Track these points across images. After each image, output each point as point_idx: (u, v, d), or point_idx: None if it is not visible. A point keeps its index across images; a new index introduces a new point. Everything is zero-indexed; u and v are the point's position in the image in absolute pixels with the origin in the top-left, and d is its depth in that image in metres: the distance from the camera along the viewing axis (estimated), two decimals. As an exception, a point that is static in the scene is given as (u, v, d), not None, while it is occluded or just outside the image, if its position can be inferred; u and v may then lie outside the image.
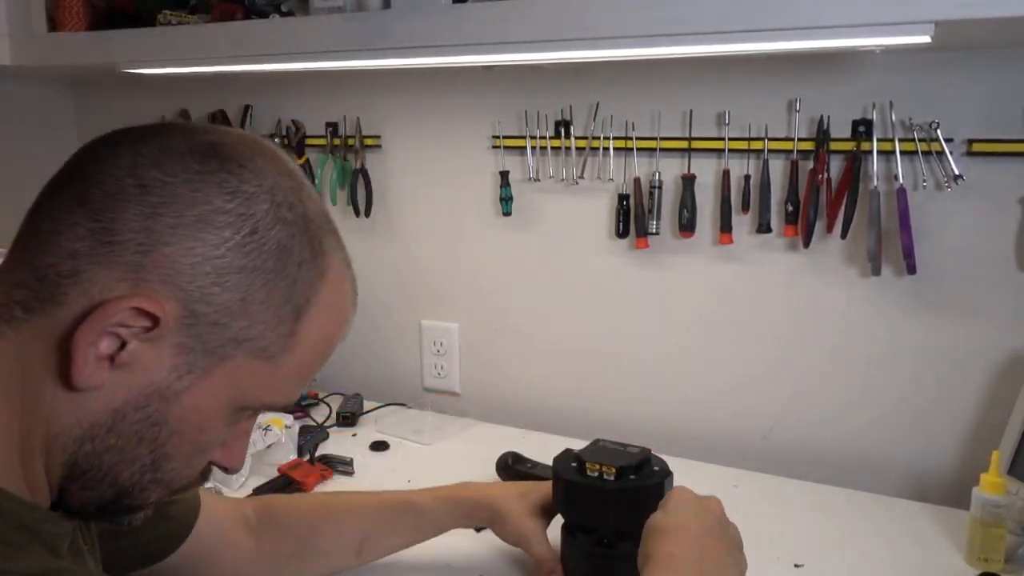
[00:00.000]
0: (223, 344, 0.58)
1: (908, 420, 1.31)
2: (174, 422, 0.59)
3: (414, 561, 1.06)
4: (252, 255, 0.58)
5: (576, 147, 1.46)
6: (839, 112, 1.27)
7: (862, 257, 1.29)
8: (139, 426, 0.58)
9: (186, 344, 0.57)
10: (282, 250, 0.59)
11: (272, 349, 0.61)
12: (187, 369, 0.58)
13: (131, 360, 0.56)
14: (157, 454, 0.60)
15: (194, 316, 0.57)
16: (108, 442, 0.58)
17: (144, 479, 0.61)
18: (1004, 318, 1.23)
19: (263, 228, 0.58)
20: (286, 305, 0.60)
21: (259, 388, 0.62)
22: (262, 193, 0.59)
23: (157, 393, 0.58)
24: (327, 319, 0.64)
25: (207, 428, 0.61)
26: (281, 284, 0.60)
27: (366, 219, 1.67)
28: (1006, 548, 1.04)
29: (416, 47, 1.18)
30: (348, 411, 1.55)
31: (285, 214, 0.60)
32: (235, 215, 0.57)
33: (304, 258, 0.61)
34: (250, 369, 0.60)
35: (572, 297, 1.53)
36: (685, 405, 1.45)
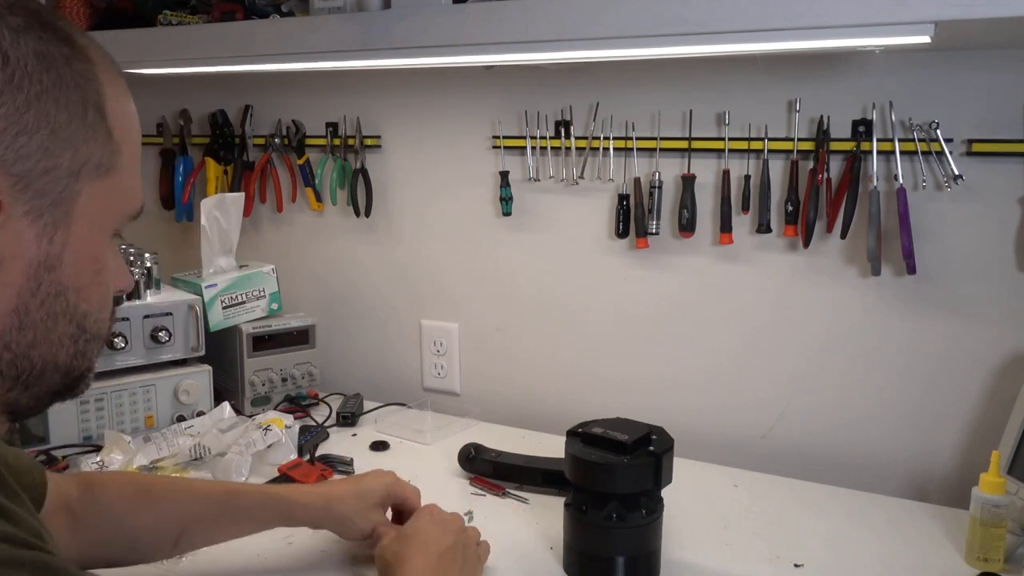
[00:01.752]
0: (65, 185, 0.54)
1: (908, 420, 1.31)
2: (72, 281, 0.56)
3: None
4: (24, 82, 0.52)
5: (576, 147, 1.46)
6: (839, 112, 1.27)
7: (862, 257, 1.29)
8: (45, 307, 0.55)
9: (34, 208, 0.53)
10: (44, 58, 0.53)
11: (105, 160, 0.57)
12: (52, 228, 0.54)
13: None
14: (76, 318, 0.57)
15: (23, 178, 0.52)
16: (27, 338, 0.55)
17: (79, 345, 0.58)
18: (1004, 318, 1.23)
19: (12, 49, 0.52)
20: (88, 109, 0.55)
21: (116, 203, 0.59)
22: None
23: (41, 267, 0.54)
24: (122, 99, 0.60)
25: (102, 267, 0.59)
26: (69, 92, 0.54)
27: (366, 219, 1.67)
28: (1006, 548, 1.04)
29: (416, 47, 1.18)
30: (348, 411, 1.55)
31: (15, 20, 0.53)
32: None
33: (66, 53, 0.55)
34: (100, 192, 0.57)
35: (572, 297, 1.53)
36: (685, 404, 1.45)
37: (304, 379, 1.64)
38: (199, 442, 1.32)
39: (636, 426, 1.05)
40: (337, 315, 1.75)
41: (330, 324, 1.74)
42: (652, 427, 1.05)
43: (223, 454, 1.30)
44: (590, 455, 1.00)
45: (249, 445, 1.29)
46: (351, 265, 1.74)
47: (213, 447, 1.32)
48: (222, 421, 1.42)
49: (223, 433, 1.35)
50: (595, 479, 1.00)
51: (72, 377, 0.60)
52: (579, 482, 1.01)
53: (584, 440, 1.03)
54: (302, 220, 1.77)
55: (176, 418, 1.47)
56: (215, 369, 1.54)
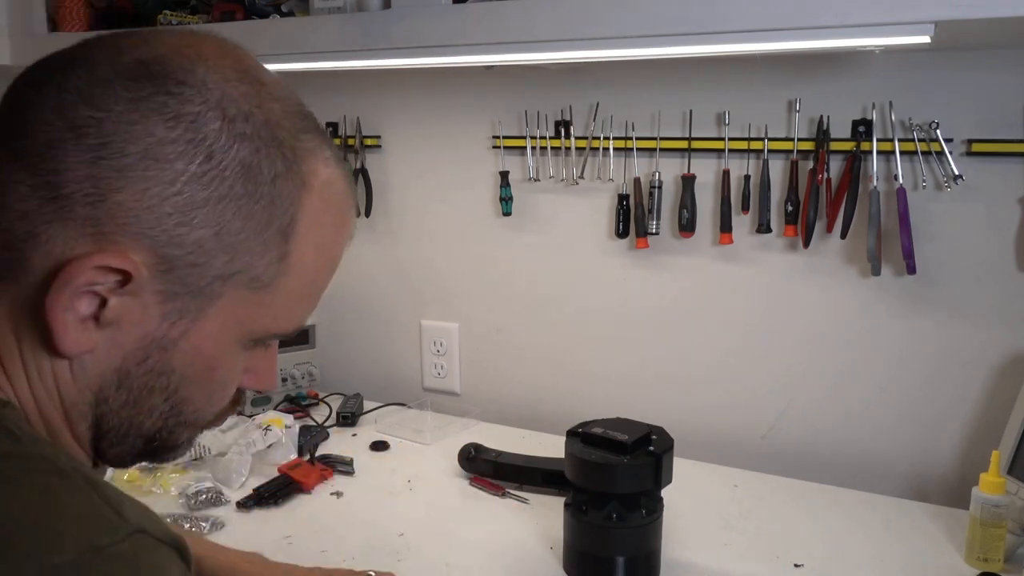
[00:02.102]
0: (209, 283, 0.54)
1: (908, 420, 1.31)
2: (180, 368, 0.56)
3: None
4: (214, 184, 0.52)
5: (576, 147, 1.46)
6: (839, 112, 1.27)
7: (862, 257, 1.29)
8: (146, 379, 0.55)
9: (169, 290, 0.53)
10: (247, 170, 0.53)
11: (265, 277, 0.56)
12: (178, 315, 0.54)
13: (117, 317, 0.52)
14: (173, 400, 0.57)
15: (168, 261, 0.52)
16: (121, 399, 0.56)
17: (168, 424, 0.58)
18: (1004, 318, 1.23)
19: (219, 151, 0.52)
20: (268, 228, 0.54)
21: (261, 318, 0.57)
22: (209, 110, 0.52)
23: (154, 344, 0.54)
24: (322, 230, 0.58)
25: (217, 367, 0.58)
26: (256, 207, 0.53)
27: (366, 219, 1.67)
28: (1006, 548, 1.04)
29: (416, 47, 1.18)
30: (348, 411, 1.55)
31: (242, 128, 0.53)
32: (184, 143, 0.51)
33: (277, 172, 0.54)
34: (246, 302, 0.56)
35: (572, 297, 1.53)
36: (685, 404, 1.45)
37: (304, 379, 1.64)
38: (199, 442, 1.32)
39: (636, 426, 1.05)
40: (337, 315, 1.75)
41: (330, 324, 1.74)
42: (652, 427, 1.06)
43: (223, 454, 1.30)
44: (590, 455, 1.00)
45: (249, 445, 1.29)
46: (351, 265, 1.73)
47: (213, 447, 1.32)
48: (222, 421, 1.42)
49: (223, 433, 1.35)
50: (595, 479, 1.00)
51: (155, 447, 0.60)
52: (579, 482, 1.02)
53: (584, 440, 1.03)
54: (302, 220, 1.77)
55: (176, 418, 1.47)
56: (215, 369, 1.53)
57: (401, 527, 1.16)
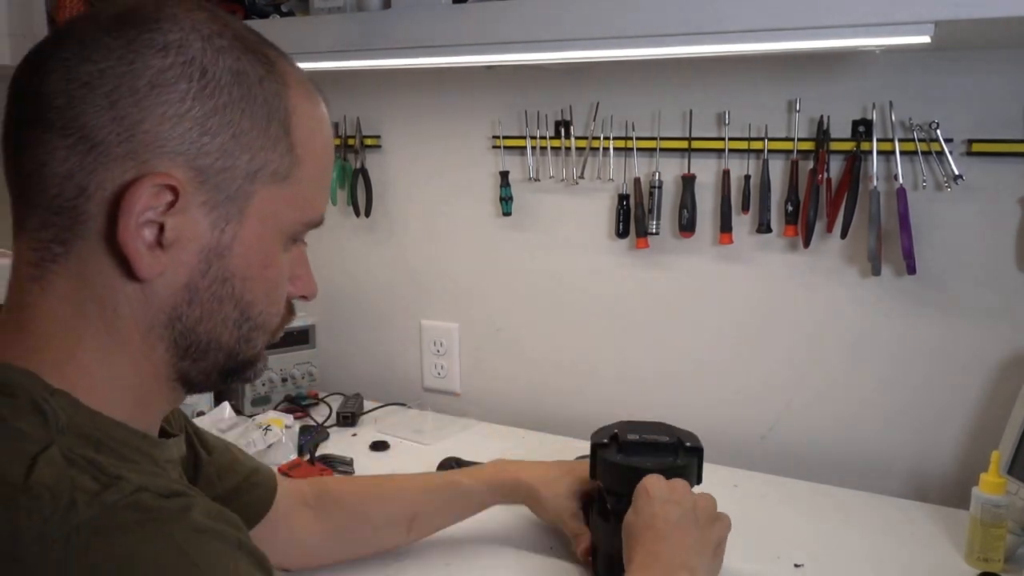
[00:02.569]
0: (239, 184, 0.60)
1: (908, 420, 1.31)
2: (240, 271, 0.62)
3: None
4: (216, 93, 0.59)
5: (576, 147, 1.46)
6: (839, 112, 1.27)
7: (862, 257, 1.29)
8: (213, 289, 0.61)
9: (210, 200, 0.59)
10: (237, 75, 0.60)
11: (282, 169, 0.62)
12: (224, 221, 0.60)
13: (176, 236, 0.59)
14: (241, 305, 0.63)
15: (202, 172, 0.59)
16: (194, 314, 0.61)
17: (243, 331, 0.64)
18: (1004, 318, 1.23)
19: (210, 64, 0.59)
20: (271, 123, 0.62)
21: (291, 209, 0.64)
22: (188, 35, 0.59)
23: (212, 253, 0.60)
24: (310, 119, 0.65)
25: (270, 263, 0.64)
26: (255, 106, 0.61)
27: (366, 219, 1.67)
28: (1006, 548, 1.04)
29: (416, 47, 1.18)
30: (348, 411, 1.55)
31: (220, 42, 0.60)
32: (179, 66, 0.58)
33: (260, 73, 0.61)
34: (275, 196, 0.62)
35: (572, 297, 1.53)
36: (685, 404, 1.45)
37: (304, 379, 1.64)
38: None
39: (656, 427, 1.05)
40: (337, 315, 1.75)
41: (330, 324, 1.74)
42: (670, 426, 1.06)
43: (223, 454, 1.30)
44: (644, 463, 0.97)
45: (249, 445, 1.29)
46: (351, 265, 1.74)
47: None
48: (222, 421, 1.42)
49: (223, 433, 1.35)
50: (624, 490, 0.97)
51: (238, 360, 0.66)
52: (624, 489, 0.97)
53: (622, 448, 1.00)
54: (302, 220, 1.77)
55: (176, 418, 1.47)
56: (215, 369, 1.54)
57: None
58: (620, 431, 1.03)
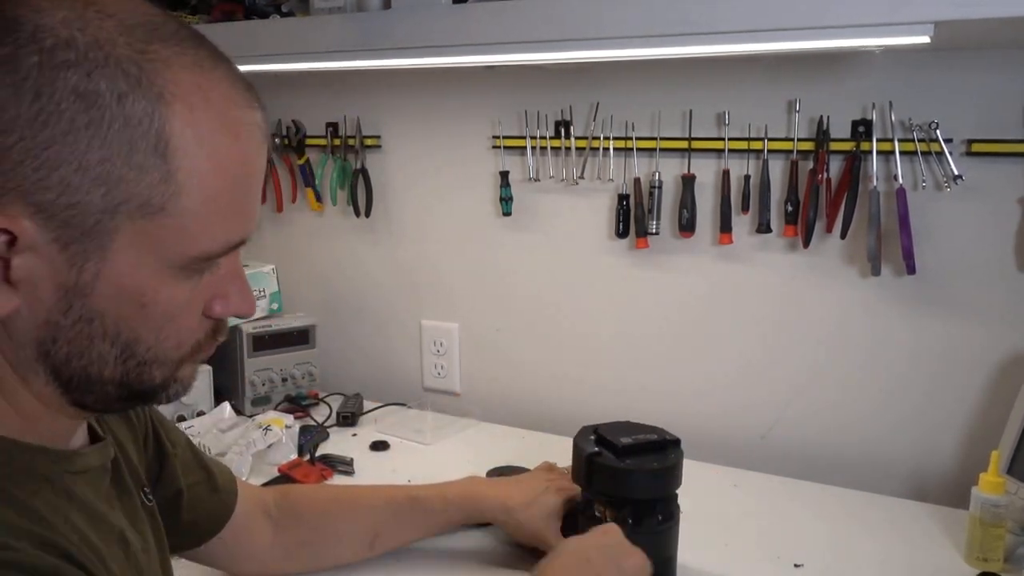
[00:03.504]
0: (98, 219, 0.52)
1: (908, 420, 1.31)
2: (110, 310, 0.55)
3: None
4: (52, 120, 0.49)
5: (576, 147, 1.46)
6: (839, 112, 1.27)
7: (862, 257, 1.29)
8: (79, 327, 0.55)
9: (62, 236, 0.52)
10: (83, 97, 0.50)
11: (155, 201, 0.53)
12: (83, 258, 0.53)
13: (25, 274, 0.52)
14: (120, 343, 0.56)
15: (43, 208, 0.51)
16: (62, 352, 0.55)
17: (129, 365, 0.57)
18: (1004, 318, 1.23)
19: (46, 85, 0.49)
20: (135, 151, 0.51)
21: (175, 242, 0.55)
22: (21, 48, 0.49)
23: (72, 292, 0.54)
24: (212, 138, 0.54)
25: (148, 302, 0.56)
26: (110, 133, 0.51)
27: (366, 219, 1.67)
28: (1005, 548, 1.05)
29: (416, 47, 1.18)
30: (348, 411, 1.55)
31: (64, 56, 0.50)
32: (6, 87, 0.49)
33: (120, 90, 0.51)
34: (147, 230, 0.53)
35: (572, 297, 1.53)
36: (685, 405, 1.45)
37: (304, 379, 1.64)
38: (199, 442, 1.32)
39: (629, 427, 1.04)
40: (337, 315, 1.75)
41: (330, 324, 1.74)
42: (656, 428, 1.05)
43: (223, 454, 1.30)
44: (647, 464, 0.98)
45: (249, 445, 1.29)
46: (351, 265, 1.74)
47: (213, 447, 1.32)
48: (222, 421, 1.42)
49: (223, 433, 1.35)
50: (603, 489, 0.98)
51: (135, 391, 0.59)
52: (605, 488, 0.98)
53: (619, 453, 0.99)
54: (302, 220, 1.77)
55: (176, 418, 1.47)
56: (215, 369, 1.54)
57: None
58: (605, 434, 1.02)
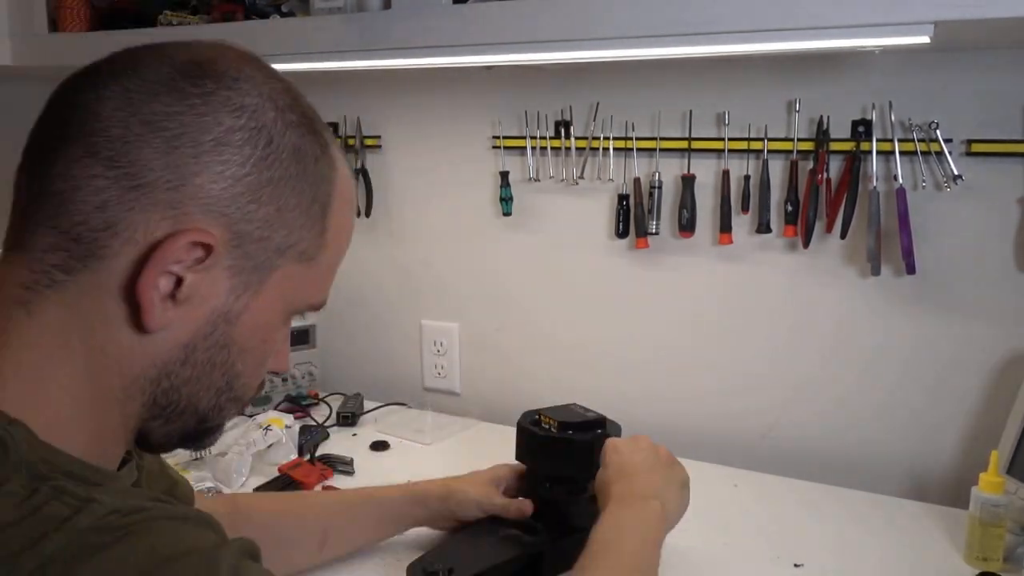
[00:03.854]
0: (269, 256, 0.60)
1: (907, 420, 1.31)
2: (240, 341, 0.62)
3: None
4: (275, 165, 0.59)
5: (576, 147, 1.46)
6: (839, 112, 1.27)
7: (861, 257, 1.29)
8: (210, 352, 0.61)
9: (237, 265, 0.59)
10: (297, 153, 0.60)
11: (311, 250, 0.63)
12: (243, 288, 0.60)
13: (192, 293, 0.58)
14: (230, 374, 0.63)
15: (239, 237, 0.58)
16: (184, 375, 0.60)
17: (221, 400, 0.64)
18: (1004, 318, 1.23)
19: (277, 136, 0.59)
20: (314, 204, 0.62)
21: (304, 290, 0.65)
22: (264, 102, 0.59)
23: (221, 318, 0.60)
24: (346, 207, 0.66)
25: (268, 338, 0.64)
26: (305, 186, 0.61)
27: (366, 219, 1.67)
28: (1005, 548, 1.04)
29: (416, 47, 1.18)
30: (348, 411, 1.55)
31: (290, 117, 0.61)
32: (248, 130, 0.58)
33: (316, 154, 0.62)
34: (295, 274, 0.63)
35: (572, 297, 1.53)
36: (685, 405, 1.45)
37: (304, 379, 1.64)
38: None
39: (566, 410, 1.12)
40: (337, 315, 1.75)
41: (330, 324, 1.74)
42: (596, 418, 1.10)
43: (223, 454, 1.30)
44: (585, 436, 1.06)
45: (249, 445, 1.29)
46: (351, 265, 1.71)
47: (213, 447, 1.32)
48: (222, 421, 1.42)
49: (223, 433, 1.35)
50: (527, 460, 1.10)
51: (205, 427, 0.65)
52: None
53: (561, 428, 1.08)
54: (302, 220, 1.77)
55: (176, 418, 1.47)
56: (215, 369, 1.54)
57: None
58: (542, 414, 1.10)
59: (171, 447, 0.66)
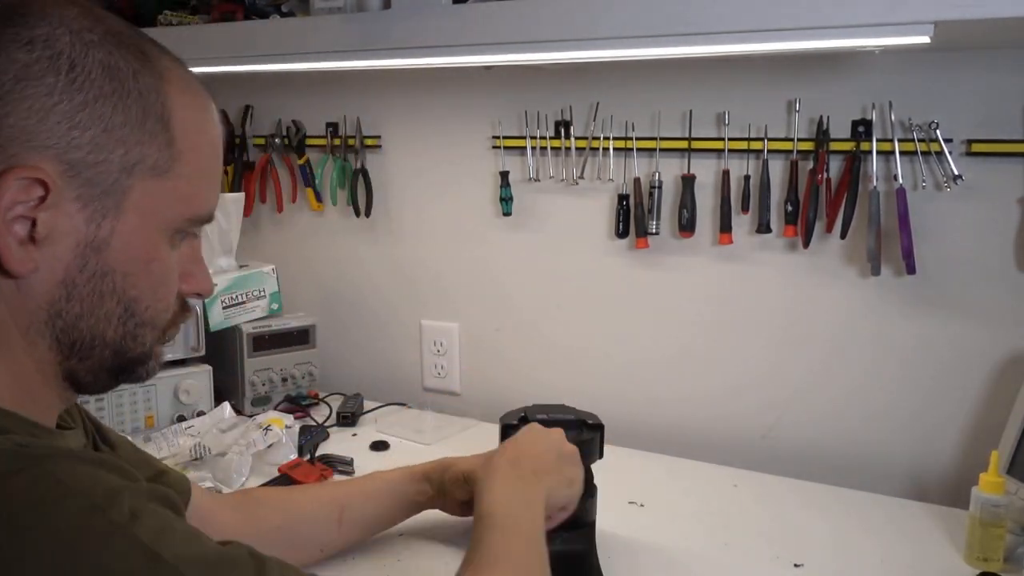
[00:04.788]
0: (115, 178, 0.60)
1: (908, 420, 1.31)
2: (120, 266, 0.62)
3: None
4: (85, 87, 0.59)
5: (576, 147, 1.46)
6: (839, 112, 1.27)
7: (862, 257, 1.29)
8: (92, 284, 0.61)
9: (84, 194, 0.59)
10: (108, 69, 0.60)
11: (162, 163, 0.62)
12: (101, 215, 0.60)
13: (48, 232, 0.58)
14: (125, 300, 0.63)
15: (74, 166, 0.58)
16: (74, 310, 0.61)
17: (128, 327, 0.64)
18: (1004, 318, 1.23)
19: (79, 58, 0.59)
20: (148, 118, 0.61)
21: (173, 203, 0.64)
22: (55, 29, 0.59)
23: (88, 248, 0.60)
24: (194, 114, 0.65)
25: (153, 258, 0.64)
26: (128, 100, 0.60)
27: (366, 219, 1.67)
28: (1005, 548, 1.04)
29: (416, 47, 1.18)
30: (348, 411, 1.55)
31: (90, 37, 0.60)
32: (45, 60, 0.58)
33: (135, 68, 0.61)
34: (154, 190, 0.62)
35: (572, 297, 1.53)
36: (685, 405, 1.45)
37: (304, 379, 1.64)
38: (199, 442, 1.33)
39: (560, 408, 1.12)
40: (337, 315, 1.75)
41: (330, 324, 1.74)
42: (566, 406, 1.12)
43: (223, 454, 1.30)
44: None
45: (249, 445, 1.29)
46: (351, 265, 1.74)
47: (213, 447, 1.32)
48: (222, 421, 1.42)
49: (223, 433, 1.35)
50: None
51: (126, 358, 0.65)
52: None
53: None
54: (302, 220, 1.77)
55: (176, 418, 1.47)
56: (215, 369, 1.54)
57: (400, 527, 1.16)
58: (528, 413, 1.10)
59: (104, 386, 0.67)
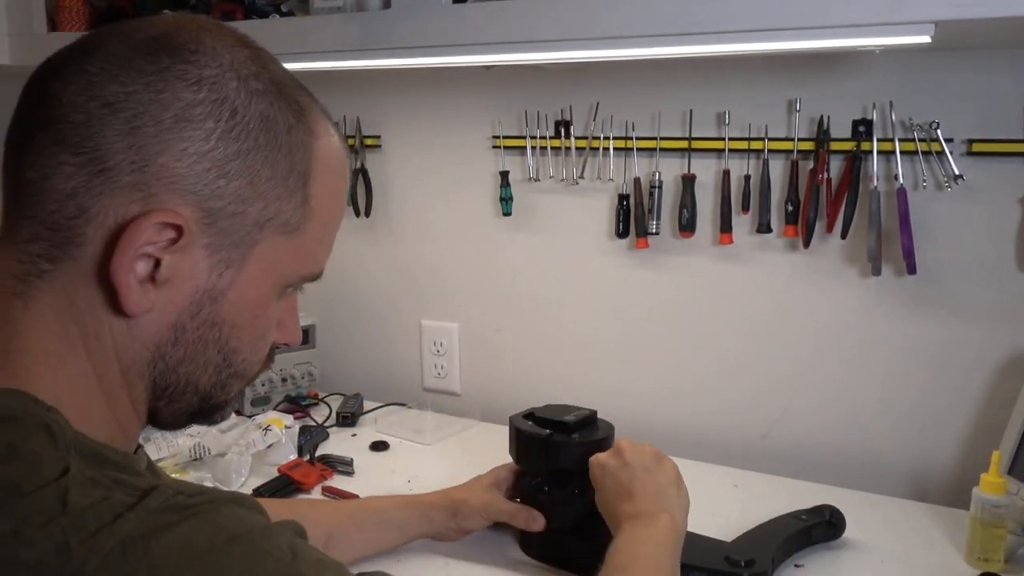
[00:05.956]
0: (247, 231, 0.59)
1: (908, 420, 1.31)
2: (230, 317, 0.61)
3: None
4: (241, 137, 0.57)
5: (576, 147, 1.46)
6: (839, 112, 1.27)
7: (862, 257, 1.29)
8: (200, 331, 0.60)
9: (214, 242, 0.58)
10: (267, 121, 0.59)
11: (293, 221, 0.61)
12: (224, 265, 0.59)
13: (170, 274, 0.57)
14: (225, 351, 0.62)
15: (211, 214, 0.57)
16: (178, 355, 0.60)
17: (221, 377, 0.63)
18: (1004, 318, 1.23)
19: (241, 107, 0.57)
20: (291, 174, 0.60)
21: (293, 262, 0.63)
22: (225, 72, 0.58)
23: (205, 296, 0.59)
24: (331, 174, 0.64)
25: (260, 314, 0.63)
26: (279, 155, 0.59)
27: (366, 219, 1.67)
28: (1006, 548, 1.04)
29: (416, 47, 1.18)
30: (348, 411, 1.55)
31: (255, 85, 0.59)
32: (209, 103, 0.56)
33: (290, 122, 0.60)
34: (279, 246, 0.61)
35: (572, 297, 1.53)
36: (685, 404, 1.45)
37: (304, 379, 1.64)
38: (199, 442, 1.32)
39: (558, 409, 1.12)
40: (337, 315, 1.75)
41: (330, 324, 1.74)
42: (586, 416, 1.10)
43: (223, 454, 1.30)
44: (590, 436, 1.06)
45: (249, 445, 1.29)
46: (351, 265, 1.73)
47: (213, 447, 1.32)
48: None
49: (223, 433, 1.35)
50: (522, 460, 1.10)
51: (210, 404, 0.65)
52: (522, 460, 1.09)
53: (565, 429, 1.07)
54: (302, 220, 1.77)
55: (176, 418, 1.47)
56: (215, 369, 1.54)
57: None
58: (542, 414, 1.09)
59: (181, 425, 0.67)
